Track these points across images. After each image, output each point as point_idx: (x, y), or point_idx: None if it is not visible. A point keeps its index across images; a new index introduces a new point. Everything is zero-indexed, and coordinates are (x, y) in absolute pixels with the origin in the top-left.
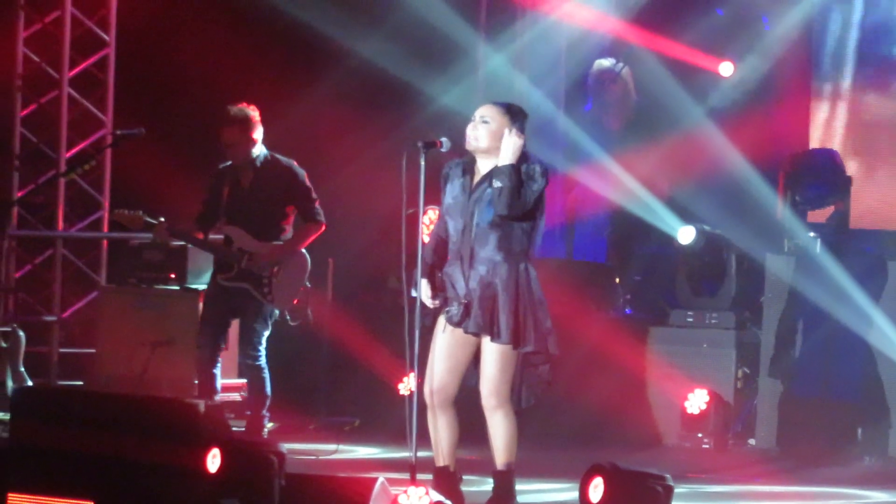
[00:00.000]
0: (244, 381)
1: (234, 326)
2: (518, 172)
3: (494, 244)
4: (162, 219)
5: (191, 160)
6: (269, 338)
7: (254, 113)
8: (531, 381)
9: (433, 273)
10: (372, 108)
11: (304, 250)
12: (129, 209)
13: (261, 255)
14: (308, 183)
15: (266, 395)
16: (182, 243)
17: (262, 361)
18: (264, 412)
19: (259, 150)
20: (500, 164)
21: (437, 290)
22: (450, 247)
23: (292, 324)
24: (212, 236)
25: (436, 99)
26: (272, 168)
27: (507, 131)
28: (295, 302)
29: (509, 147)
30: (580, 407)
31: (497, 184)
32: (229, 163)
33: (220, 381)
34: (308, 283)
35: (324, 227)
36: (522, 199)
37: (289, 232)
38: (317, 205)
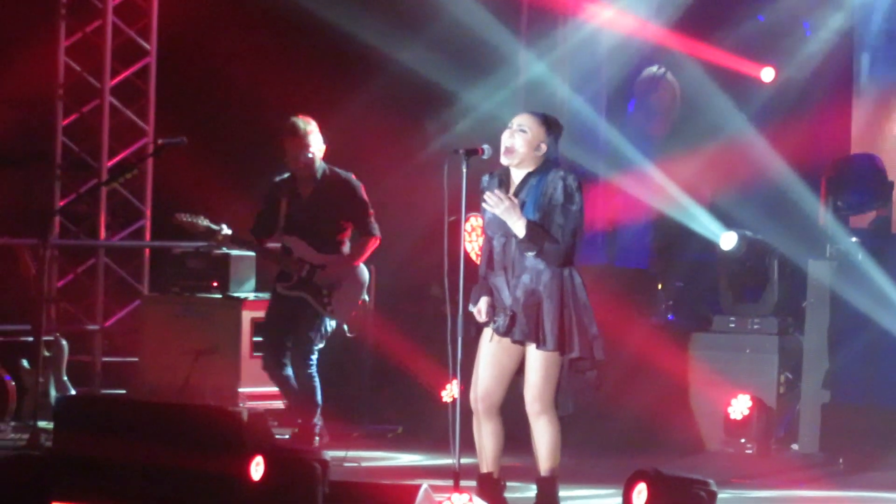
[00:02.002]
0: None
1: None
2: (538, 228)
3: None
4: (224, 225)
5: (232, 169)
6: None
7: (314, 125)
8: (578, 387)
9: (491, 290)
10: (413, 116)
11: (363, 265)
12: (191, 214)
13: (327, 271)
14: (365, 196)
15: (317, 404)
16: (224, 251)
17: (314, 370)
18: (315, 420)
19: (319, 163)
20: (519, 237)
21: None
22: (494, 258)
23: (349, 335)
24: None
25: (477, 106)
26: (331, 181)
27: (487, 201)
28: (353, 314)
29: (508, 217)
30: (623, 413)
31: (531, 252)
32: (286, 175)
33: (293, 381)
34: (367, 297)
35: (379, 241)
36: (566, 234)
37: (346, 244)
38: (372, 218)
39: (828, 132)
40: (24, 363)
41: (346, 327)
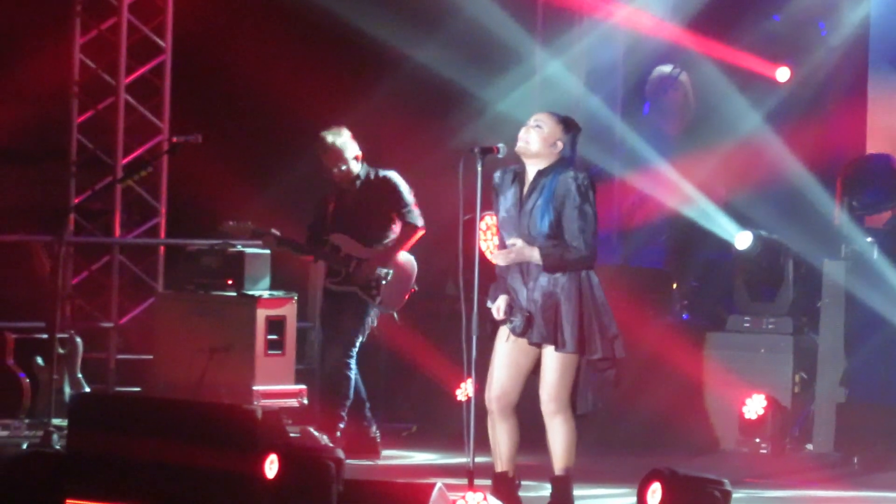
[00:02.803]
0: (302, 386)
1: (290, 330)
2: (553, 249)
3: None
4: (273, 229)
5: (247, 166)
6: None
7: (347, 134)
8: (596, 385)
9: (508, 289)
10: (429, 115)
11: (410, 254)
12: (237, 221)
13: (369, 263)
14: (402, 189)
15: (346, 396)
16: (239, 249)
17: (352, 363)
18: (342, 413)
19: (360, 168)
20: (542, 266)
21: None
22: None
23: (397, 320)
24: None
25: (492, 105)
26: (373, 181)
27: (496, 260)
28: (401, 306)
29: (522, 258)
30: (638, 412)
31: (558, 273)
32: (331, 184)
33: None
34: (416, 287)
35: (421, 231)
36: (588, 237)
37: (392, 239)
38: (412, 208)
39: (843, 132)
40: (39, 360)
41: (395, 315)
